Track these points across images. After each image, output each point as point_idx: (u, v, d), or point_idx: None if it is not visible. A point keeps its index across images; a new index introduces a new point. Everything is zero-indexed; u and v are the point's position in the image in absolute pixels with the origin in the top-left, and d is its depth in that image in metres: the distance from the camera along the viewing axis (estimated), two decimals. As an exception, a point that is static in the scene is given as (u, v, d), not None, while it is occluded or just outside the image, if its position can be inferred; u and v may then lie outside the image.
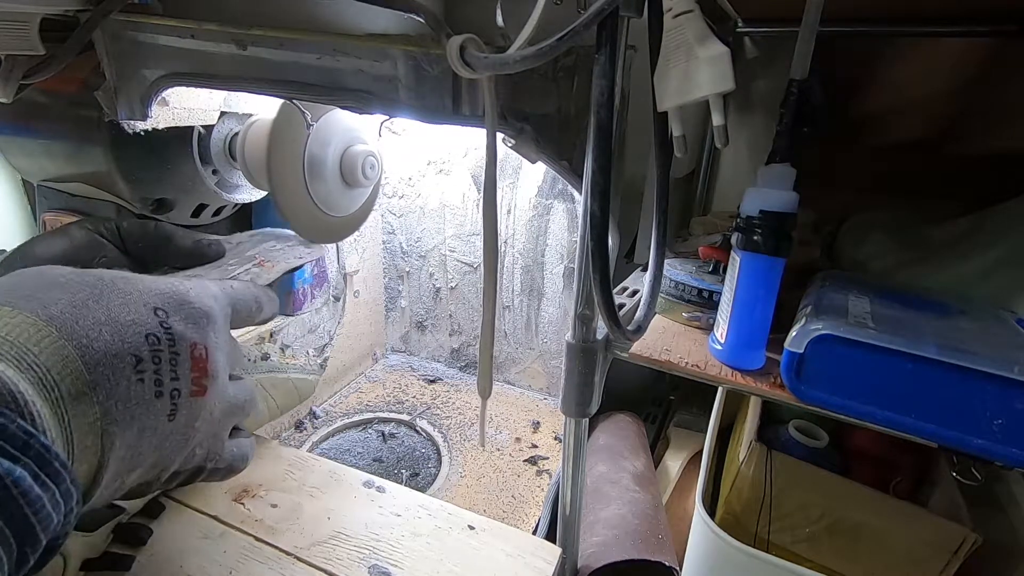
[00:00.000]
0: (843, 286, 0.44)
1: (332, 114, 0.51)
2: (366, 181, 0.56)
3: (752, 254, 0.38)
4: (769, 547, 0.52)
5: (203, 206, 0.62)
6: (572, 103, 0.38)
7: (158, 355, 0.26)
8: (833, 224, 0.63)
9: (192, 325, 0.28)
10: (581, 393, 0.42)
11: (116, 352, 0.24)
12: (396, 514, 0.41)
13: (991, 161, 0.60)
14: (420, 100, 0.35)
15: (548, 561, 0.37)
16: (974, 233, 0.51)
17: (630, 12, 0.31)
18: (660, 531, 0.60)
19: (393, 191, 1.00)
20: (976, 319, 0.40)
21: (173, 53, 0.40)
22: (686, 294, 0.48)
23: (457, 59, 0.29)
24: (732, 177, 0.77)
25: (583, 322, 0.40)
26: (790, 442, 0.59)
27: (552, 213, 0.88)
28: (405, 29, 0.35)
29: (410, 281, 1.06)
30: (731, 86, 0.33)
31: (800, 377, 0.37)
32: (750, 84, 0.70)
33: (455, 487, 0.76)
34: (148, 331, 0.26)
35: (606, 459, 0.72)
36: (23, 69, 0.43)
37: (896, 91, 0.64)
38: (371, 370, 1.05)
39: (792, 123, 0.37)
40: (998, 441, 0.32)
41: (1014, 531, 0.49)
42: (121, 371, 0.24)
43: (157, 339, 0.26)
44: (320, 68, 0.36)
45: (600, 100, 0.30)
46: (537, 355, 0.99)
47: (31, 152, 0.60)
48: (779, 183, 0.38)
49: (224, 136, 0.59)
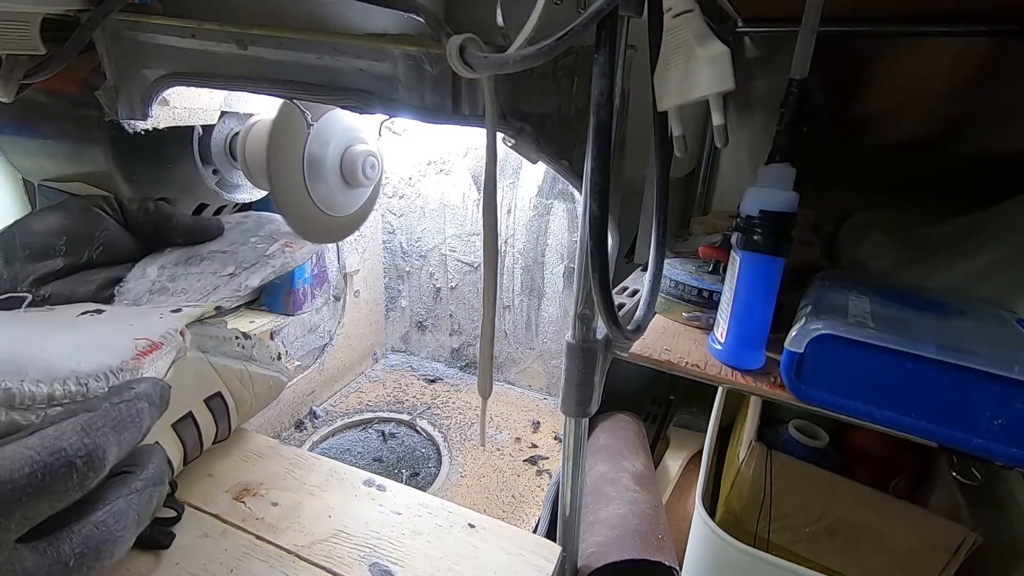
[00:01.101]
0: (843, 286, 0.44)
1: (332, 114, 0.51)
2: (366, 181, 0.56)
3: (752, 254, 0.38)
4: (769, 547, 0.52)
5: (203, 206, 0.62)
6: (572, 103, 0.38)
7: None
8: (833, 224, 0.63)
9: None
10: (581, 393, 0.42)
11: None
12: (397, 512, 0.41)
13: (991, 161, 0.60)
14: (420, 100, 0.35)
15: (548, 559, 0.37)
16: (974, 233, 0.51)
17: (630, 12, 0.31)
18: (660, 531, 0.60)
19: (393, 191, 1.00)
20: (976, 319, 0.40)
21: (173, 53, 0.40)
22: (686, 294, 0.48)
23: (457, 59, 0.29)
24: (732, 177, 0.77)
25: (583, 322, 0.40)
26: (790, 442, 0.59)
27: (552, 213, 0.88)
28: (405, 29, 0.35)
29: (410, 281, 1.06)
30: (731, 86, 0.33)
31: (800, 377, 0.37)
32: (750, 84, 0.70)
33: (455, 487, 0.76)
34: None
35: (606, 459, 0.72)
36: (24, 69, 0.43)
37: (896, 91, 0.64)
38: (371, 370, 1.05)
39: (792, 123, 0.37)
40: (998, 441, 0.32)
41: (1014, 531, 0.49)
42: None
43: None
44: (320, 67, 0.36)
45: (600, 100, 0.30)
46: (537, 355, 0.99)
47: (32, 152, 0.60)
48: (779, 183, 0.38)
49: (224, 136, 0.59)
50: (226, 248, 0.44)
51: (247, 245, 0.45)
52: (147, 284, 0.38)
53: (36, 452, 0.16)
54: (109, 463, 0.18)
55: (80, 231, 0.36)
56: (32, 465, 0.16)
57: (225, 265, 0.43)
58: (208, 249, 0.44)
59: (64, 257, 0.33)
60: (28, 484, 0.15)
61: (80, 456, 0.17)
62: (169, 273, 0.41)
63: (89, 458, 0.17)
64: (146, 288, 0.38)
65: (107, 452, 0.18)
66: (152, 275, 0.39)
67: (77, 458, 0.17)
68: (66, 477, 0.17)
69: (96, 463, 0.17)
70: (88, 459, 0.17)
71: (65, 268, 0.33)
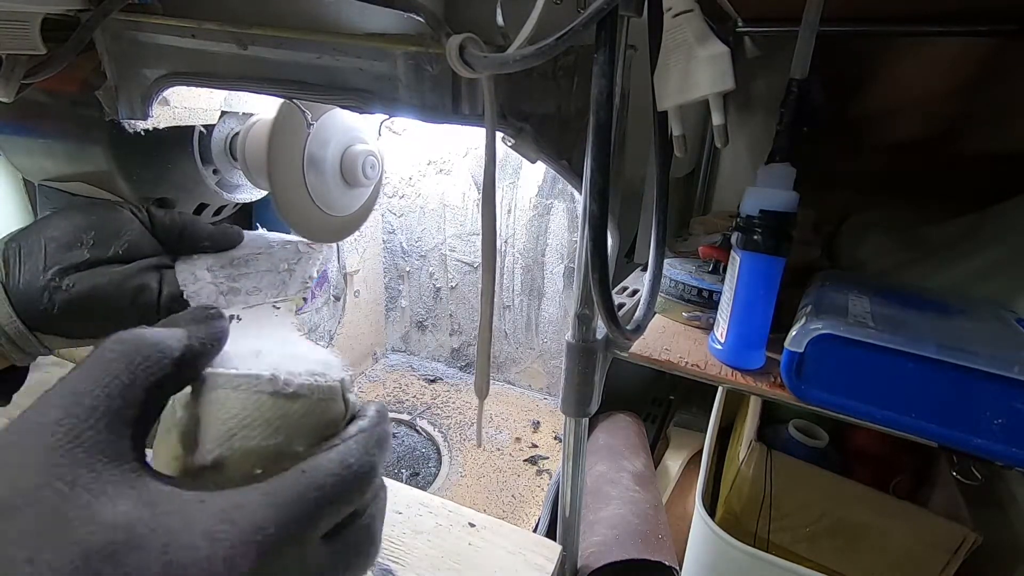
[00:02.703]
0: (843, 286, 0.44)
1: (332, 113, 0.51)
2: (366, 181, 0.56)
3: (752, 254, 0.38)
4: (769, 547, 0.52)
5: (204, 206, 0.62)
6: (572, 103, 0.38)
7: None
8: (833, 224, 0.63)
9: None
10: (581, 393, 0.42)
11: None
12: (397, 512, 0.41)
13: (991, 161, 0.60)
14: (420, 99, 0.35)
15: (548, 559, 0.37)
16: (974, 233, 0.51)
17: (629, 11, 0.31)
18: (660, 531, 0.60)
19: (393, 191, 1.00)
20: (976, 319, 0.40)
21: (173, 52, 0.41)
22: (686, 294, 0.48)
23: (457, 58, 0.29)
24: (732, 177, 0.77)
25: (583, 322, 0.40)
26: (790, 442, 0.59)
27: (552, 213, 0.88)
28: (405, 28, 0.35)
29: (410, 281, 1.06)
30: (731, 85, 0.33)
31: (800, 377, 0.37)
32: (750, 84, 0.70)
33: (455, 487, 0.76)
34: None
35: (606, 459, 0.72)
36: (24, 68, 0.43)
37: (896, 91, 0.64)
38: (371, 370, 1.05)
39: (792, 122, 0.37)
40: (998, 440, 0.32)
41: (1014, 531, 0.49)
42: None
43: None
44: (320, 67, 0.36)
45: (599, 100, 0.30)
46: (537, 355, 0.99)
47: (32, 151, 0.60)
48: (779, 182, 0.38)
49: (225, 136, 0.59)
50: (260, 249, 0.44)
51: (275, 246, 0.45)
52: (211, 287, 0.38)
53: (336, 466, 0.20)
54: (379, 477, 0.23)
55: (108, 226, 0.36)
56: (334, 478, 0.20)
57: (275, 263, 0.44)
58: (244, 252, 0.44)
59: (90, 249, 0.33)
60: (331, 492, 0.20)
61: (364, 471, 0.21)
62: (225, 274, 0.41)
63: (370, 472, 0.21)
64: (213, 291, 0.38)
65: (377, 467, 0.22)
66: (206, 278, 0.39)
67: (361, 472, 0.21)
68: (355, 488, 0.21)
69: (372, 476, 0.22)
70: (369, 473, 0.21)
71: (89, 260, 0.33)
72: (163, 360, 0.20)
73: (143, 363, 0.19)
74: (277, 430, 0.21)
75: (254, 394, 0.21)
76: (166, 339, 0.20)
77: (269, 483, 0.19)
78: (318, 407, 0.22)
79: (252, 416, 0.21)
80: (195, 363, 0.21)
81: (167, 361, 0.20)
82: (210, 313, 0.23)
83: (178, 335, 0.21)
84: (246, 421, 0.21)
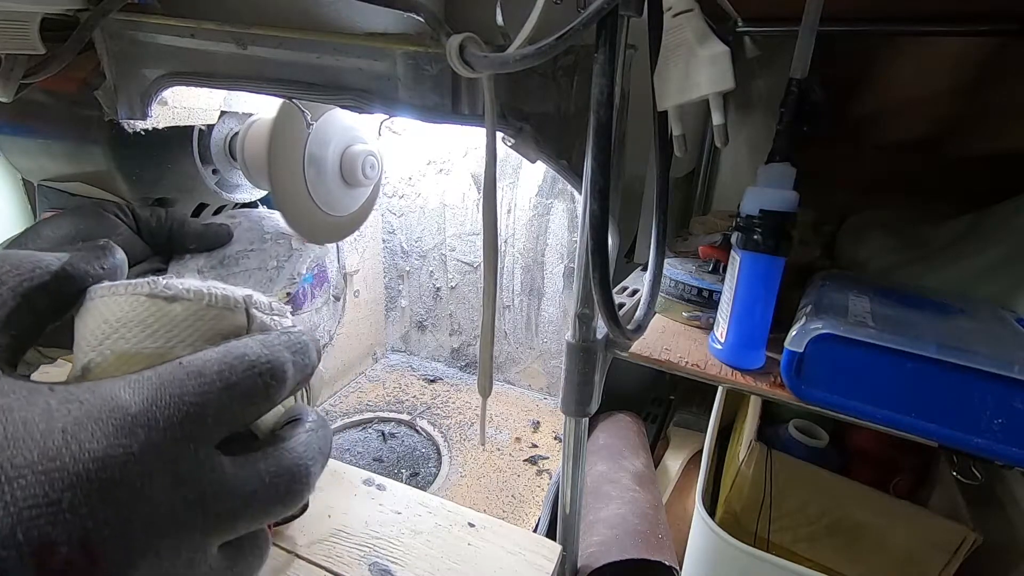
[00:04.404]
0: (843, 285, 0.44)
1: (332, 113, 0.51)
2: (366, 180, 0.56)
3: (752, 253, 0.38)
4: (769, 546, 0.52)
5: (203, 205, 0.62)
6: (572, 102, 0.38)
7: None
8: (833, 224, 0.63)
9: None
10: (581, 393, 0.42)
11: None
12: (396, 512, 0.41)
13: (991, 161, 0.60)
14: (420, 99, 0.35)
15: (548, 558, 0.37)
16: (974, 233, 0.51)
17: (629, 11, 0.31)
18: (660, 531, 0.60)
19: (393, 191, 1.00)
20: (976, 319, 0.40)
21: (173, 52, 0.40)
22: (686, 293, 0.48)
23: (456, 58, 0.29)
24: (732, 177, 0.77)
25: (583, 322, 0.40)
26: (790, 442, 0.60)
27: (552, 213, 0.88)
28: (404, 28, 0.35)
29: (410, 281, 1.06)
30: (731, 85, 0.33)
31: (800, 376, 0.37)
32: (750, 83, 0.70)
33: (455, 487, 0.76)
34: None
35: (606, 459, 0.72)
36: (23, 68, 0.43)
37: (896, 91, 0.64)
38: (371, 370, 1.05)
39: (792, 122, 0.37)
40: (998, 440, 0.32)
41: (1014, 531, 0.49)
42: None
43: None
44: (320, 67, 0.36)
45: (600, 99, 0.30)
46: (537, 355, 0.99)
47: (31, 151, 0.60)
48: (779, 182, 0.38)
49: (224, 135, 0.59)
50: (250, 247, 0.45)
51: (268, 242, 0.45)
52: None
53: (222, 355, 0.18)
54: (288, 381, 0.19)
55: (96, 232, 0.35)
56: (220, 364, 0.17)
57: (264, 260, 0.44)
58: (233, 250, 0.44)
59: None
60: (218, 379, 0.17)
61: (262, 362, 0.18)
62: (214, 275, 0.41)
63: (270, 367, 0.18)
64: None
65: (285, 367, 0.19)
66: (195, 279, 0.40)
67: (260, 364, 0.18)
68: (251, 381, 0.18)
69: (277, 374, 0.18)
70: (270, 367, 0.18)
71: None
72: (36, 270, 0.19)
73: (12, 270, 0.19)
74: (155, 332, 0.19)
75: (130, 297, 0.20)
76: (44, 256, 0.20)
77: (136, 373, 0.17)
78: (207, 313, 0.20)
79: (126, 317, 0.19)
80: (75, 280, 0.20)
81: (40, 271, 0.19)
82: (104, 245, 0.22)
83: (59, 255, 0.20)
84: (118, 324, 0.19)
